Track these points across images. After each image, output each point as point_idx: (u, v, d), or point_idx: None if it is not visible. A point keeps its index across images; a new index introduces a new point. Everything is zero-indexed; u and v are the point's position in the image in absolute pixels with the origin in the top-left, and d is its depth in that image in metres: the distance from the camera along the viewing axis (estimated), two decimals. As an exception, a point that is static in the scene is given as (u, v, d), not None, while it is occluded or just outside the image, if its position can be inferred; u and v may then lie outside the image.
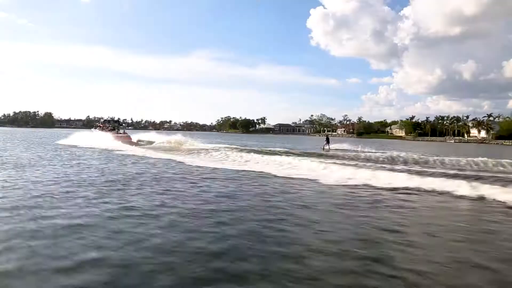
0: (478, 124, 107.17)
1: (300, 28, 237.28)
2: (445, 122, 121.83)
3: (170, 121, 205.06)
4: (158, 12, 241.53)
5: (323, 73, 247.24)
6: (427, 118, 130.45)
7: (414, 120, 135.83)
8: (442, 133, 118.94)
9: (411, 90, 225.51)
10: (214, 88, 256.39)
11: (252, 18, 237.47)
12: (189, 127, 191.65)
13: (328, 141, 28.88)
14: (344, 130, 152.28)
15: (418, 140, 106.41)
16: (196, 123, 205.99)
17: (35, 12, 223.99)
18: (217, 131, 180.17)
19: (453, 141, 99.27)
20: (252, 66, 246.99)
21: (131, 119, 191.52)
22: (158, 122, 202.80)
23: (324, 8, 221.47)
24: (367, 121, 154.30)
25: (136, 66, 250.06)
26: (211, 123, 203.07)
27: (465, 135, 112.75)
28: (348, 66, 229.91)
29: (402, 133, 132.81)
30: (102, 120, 45.82)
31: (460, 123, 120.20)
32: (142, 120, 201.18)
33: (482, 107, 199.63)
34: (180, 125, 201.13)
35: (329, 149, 27.74)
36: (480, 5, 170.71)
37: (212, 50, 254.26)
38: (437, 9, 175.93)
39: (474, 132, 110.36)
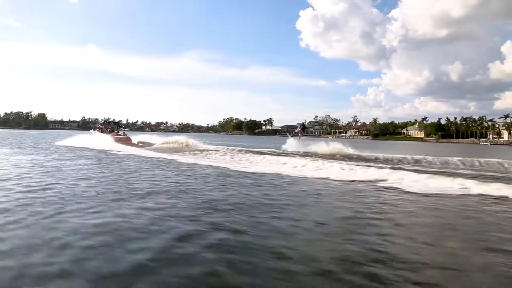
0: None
1: (290, 30, 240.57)
2: (470, 124, 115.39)
3: (166, 122, 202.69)
4: (147, 13, 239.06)
5: (313, 75, 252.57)
6: (440, 119, 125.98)
7: (427, 121, 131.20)
8: (465, 135, 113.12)
9: (399, 91, 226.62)
10: (206, 89, 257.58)
11: (242, 19, 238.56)
12: (186, 128, 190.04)
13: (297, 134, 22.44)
14: (357, 132, 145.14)
15: (443, 142, 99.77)
16: (192, 124, 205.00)
17: (22, 12, 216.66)
18: (215, 132, 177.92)
19: (488, 143, 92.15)
20: (243, 67, 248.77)
21: (127, 120, 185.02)
22: (154, 123, 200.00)
23: (314, 9, 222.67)
24: (382, 122, 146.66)
25: (127, 67, 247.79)
26: (208, 124, 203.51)
27: (490, 136, 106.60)
28: (337, 67, 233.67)
29: (421, 134, 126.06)
30: (101, 122, 42.94)
31: (484, 124, 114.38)
32: (137, 121, 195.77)
33: (469, 108, 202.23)
34: (177, 126, 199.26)
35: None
36: (466, 8, 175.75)
37: (202, 51, 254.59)
38: (424, 11, 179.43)
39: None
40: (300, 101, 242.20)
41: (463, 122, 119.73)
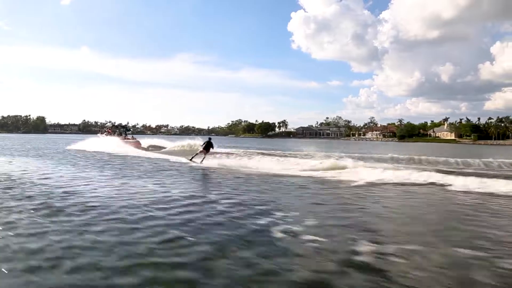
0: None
1: (281, 32, 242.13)
2: (508, 124, 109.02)
3: (167, 125, 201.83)
4: (139, 15, 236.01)
5: (305, 76, 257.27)
6: (461, 119, 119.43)
7: (449, 122, 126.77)
8: (500, 136, 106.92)
9: (391, 92, 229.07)
10: (199, 92, 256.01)
11: (233, 21, 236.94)
12: (186, 131, 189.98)
13: (208, 148, 17.84)
14: (380, 133, 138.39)
15: (481, 144, 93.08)
16: (193, 126, 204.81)
17: (12, 15, 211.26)
18: (216, 134, 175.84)
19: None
20: (236, 69, 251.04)
21: (127, 123, 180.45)
22: (154, 126, 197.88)
23: (305, 11, 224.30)
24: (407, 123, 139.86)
25: (121, 69, 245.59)
26: (208, 126, 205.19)
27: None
28: (329, 69, 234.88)
29: (451, 136, 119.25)
30: (109, 125, 46.99)
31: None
32: (137, 124, 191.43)
33: (460, 109, 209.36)
34: (178, 129, 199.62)
35: (201, 161, 17.37)
36: (457, 9, 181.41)
37: (194, 53, 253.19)
38: (415, 13, 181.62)
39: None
40: (292, 103, 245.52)
41: (499, 123, 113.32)
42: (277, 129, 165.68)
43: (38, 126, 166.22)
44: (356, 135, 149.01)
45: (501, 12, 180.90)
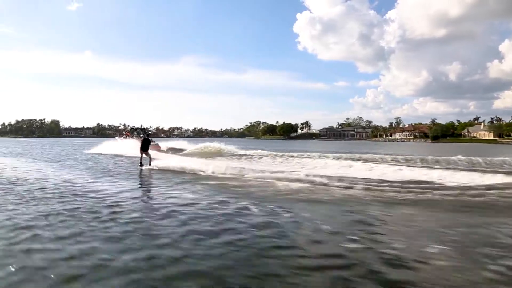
0: None
1: (287, 33, 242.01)
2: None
3: (181, 128, 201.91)
4: (143, 19, 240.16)
5: (311, 77, 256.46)
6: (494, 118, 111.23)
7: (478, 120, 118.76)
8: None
9: (398, 92, 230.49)
10: (205, 94, 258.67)
11: (239, 23, 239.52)
12: (200, 134, 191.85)
13: (145, 147, 16.28)
14: (410, 134, 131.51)
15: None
16: (206, 129, 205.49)
17: (19, 20, 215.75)
18: (230, 136, 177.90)
19: None
20: (241, 71, 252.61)
21: (141, 126, 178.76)
22: (167, 129, 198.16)
23: (311, 12, 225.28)
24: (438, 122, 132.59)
25: (127, 74, 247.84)
26: (221, 128, 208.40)
27: None
28: (335, 69, 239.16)
29: (489, 136, 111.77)
30: (128, 128, 46.79)
31: None
32: (150, 127, 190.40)
33: (468, 108, 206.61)
34: (191, 131, 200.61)
35: (149, 163, 15.73)
36: (464, 7, 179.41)
37: (199, 56, 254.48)
38: (421, 12, 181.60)
39: None
40: (299, 104, 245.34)
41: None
42: (299, 130, 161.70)
43: (53, 130, 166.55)
44: (384, 136, 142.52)
45: (508, 10, 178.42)
